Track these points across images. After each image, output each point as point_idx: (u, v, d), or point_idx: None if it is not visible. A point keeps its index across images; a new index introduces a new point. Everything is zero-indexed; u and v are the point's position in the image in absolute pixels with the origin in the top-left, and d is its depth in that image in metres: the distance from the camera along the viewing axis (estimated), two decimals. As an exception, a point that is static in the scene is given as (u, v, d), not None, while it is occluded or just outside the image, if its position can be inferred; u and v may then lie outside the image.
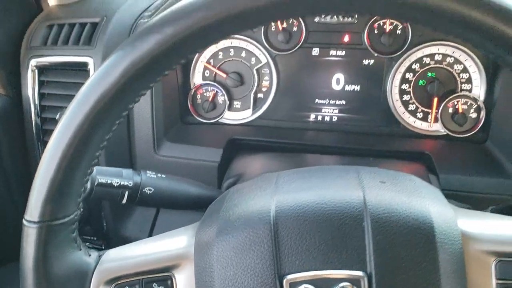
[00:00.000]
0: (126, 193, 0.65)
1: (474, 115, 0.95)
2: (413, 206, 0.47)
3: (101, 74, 0.43)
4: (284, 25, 0.98)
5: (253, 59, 1.01)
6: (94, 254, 0.52)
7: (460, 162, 0.89)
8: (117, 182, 0.64)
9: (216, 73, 1.02)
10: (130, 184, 0.65)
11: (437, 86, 0.93)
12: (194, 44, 0.42)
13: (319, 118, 1.02)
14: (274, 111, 1.03)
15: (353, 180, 0.51)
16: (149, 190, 0.66)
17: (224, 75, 1.01)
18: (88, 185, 0.64)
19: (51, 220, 0.46)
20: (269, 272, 0.45)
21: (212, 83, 1.02)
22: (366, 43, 0.95)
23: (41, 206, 0.45)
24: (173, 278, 0.49)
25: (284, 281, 0.44)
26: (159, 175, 0.69)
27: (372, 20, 0.94)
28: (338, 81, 1.00)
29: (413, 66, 0.96)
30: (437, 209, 0.47)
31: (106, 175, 0.64)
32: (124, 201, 0.66)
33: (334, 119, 1.02)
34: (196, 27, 0.41)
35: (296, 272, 0.44)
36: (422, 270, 0.44)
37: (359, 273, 0.44)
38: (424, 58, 0.95)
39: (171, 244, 0.51)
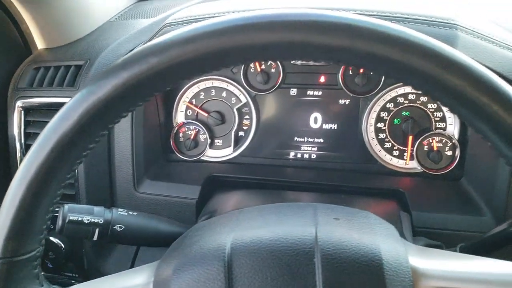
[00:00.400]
0: (97, 230, 0.67)
1: (449, 153, 0.97)
2: (363, 243, 0.48)
3: (61, 117, 0.45)
4: (263, 66, 1.02)
5: (233, 99, 1.04)
6: None
7: (435, 199, 0.90)
8: (88, 220, 0.66)
9: (198, 112, 1.06)
10: (100, 221, 0.67)
11: (411, 124, 0.96)
12: (149, 87, 0.45)
13: (299, 155, 1.04)
14: (254, 149, 1.05)
15: (308, 217, 0.52)
16: (120, 227, 0.68)
17: (206, 114, 1.05)
18: (60, 222, 0.66)
19: (13, 256, 0.47)
20: None
21: (194, 121, 1.05)
22: (341, 83, 0.98)
23: (3, 242, 0.47)
24: None
25: None
26: (130, 212, 0.70)
27: (347, 61, 0.98)
28: (316, 120, 1.03)
29: (388, 106, 0.98)
30: (388, 245, 0.48)
31: (77, 212, 0.66)
32: (95, 238, 0.67)
33: (313, 156, 1.04)
34: (149, 72, 0.44)
35: None
36: None
37: None
38: (398, 98, 0.98)
39: (131, 281, 0.52)
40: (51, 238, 0.99)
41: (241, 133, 1.06)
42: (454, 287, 0.47)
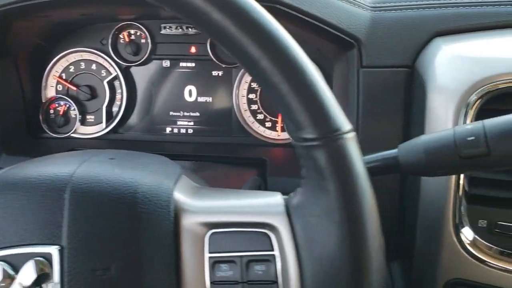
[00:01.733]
0: None
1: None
2: (122, 177, 0.45)
3: None
4: (132, 37, 0.99)
5: (103, 71, 1.00)
6: None
7: (296, 166, 0.89)
8: None
9: (68, 87, 1.01)
10: None
11: None
12: None
13: (175, 130, 1.01)
14: (128, 124, 1.02)
15: (82, 158, 0.49)
16: None
17: (75, 89, 1.00)
18: None
19: None
20: None
21: (64, 97, 1.01)
22: (210, 54, 0.96)
23: None
24: None
25: None
26: None
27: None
28: (190, 92, 1.00)
29: (258, 76, 0.97)
30: (152, 180, 0.46)
31: None
32: None
33: (190, 131, 1.01)
34: None
35: None
36: (122, 240, 0.42)
37: (51, 247, 0.41)
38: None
39: None
40: None
41: (115, 109, 1.02)
42: (217, 221, 0.45)
